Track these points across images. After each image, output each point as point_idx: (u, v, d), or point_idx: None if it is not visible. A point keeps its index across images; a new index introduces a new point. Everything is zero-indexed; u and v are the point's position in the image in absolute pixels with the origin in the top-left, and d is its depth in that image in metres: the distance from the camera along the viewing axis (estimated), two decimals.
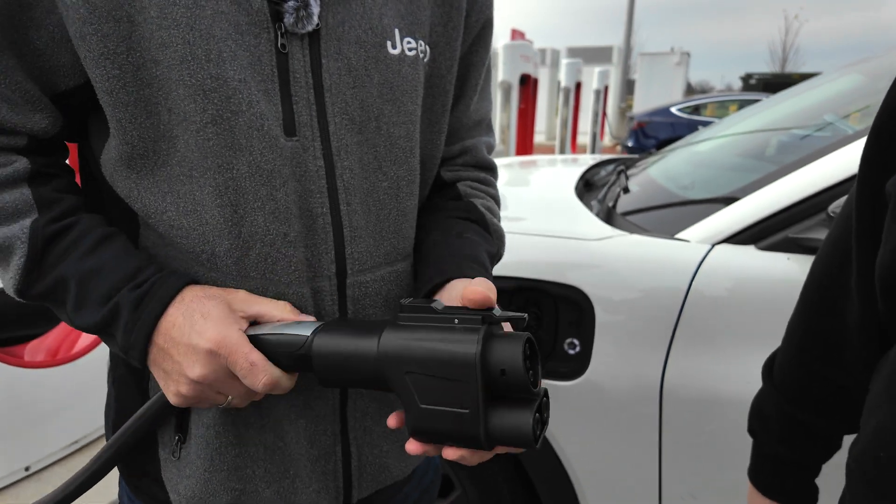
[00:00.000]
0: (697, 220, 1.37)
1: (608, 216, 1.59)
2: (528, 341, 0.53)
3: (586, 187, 2.07)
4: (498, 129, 7.23)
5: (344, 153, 0.63)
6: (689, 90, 28.04)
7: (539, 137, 13.33)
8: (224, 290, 0.61)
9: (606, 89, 10.42)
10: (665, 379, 1.25)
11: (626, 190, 1.89)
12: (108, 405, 0.75)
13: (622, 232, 1.43)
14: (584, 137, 11.08)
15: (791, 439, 0.74)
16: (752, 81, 20.37)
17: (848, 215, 0.63)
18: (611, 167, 2.39)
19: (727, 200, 1.40)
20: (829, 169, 1.26)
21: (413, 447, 0.57)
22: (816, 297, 0.70)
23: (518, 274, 1.36)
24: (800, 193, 1.26)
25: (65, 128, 0.63)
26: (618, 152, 12.21)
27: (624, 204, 1.76)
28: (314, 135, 0.61)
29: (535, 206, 1.90)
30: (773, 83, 18.64)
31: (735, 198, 1.39)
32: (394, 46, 0.65)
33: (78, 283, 0.59)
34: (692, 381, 1.23)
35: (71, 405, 2.13)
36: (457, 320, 0.53)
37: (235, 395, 0.60)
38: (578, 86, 9.86)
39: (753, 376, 1.19)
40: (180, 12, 0.55)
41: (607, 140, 12.92)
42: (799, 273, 1.19)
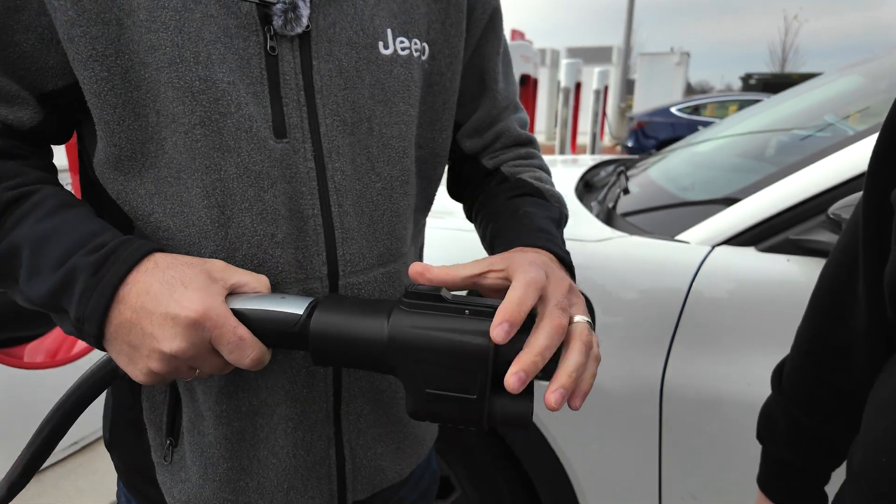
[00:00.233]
0: (698, 222, 1.37)
1: (608, 217, 1.59)
2: None
3: (586, 188, 2.07)
4: None
5: (335, 155, 0.63)
6: (689, 90, 28.06)
7: (539, 138, 13.14)
8: (199, 258, 0.57)
9: (606, 89, 10.39)
10: (665, 380, 1.24)
11: (626, 191, 1.88)
12: (105, 405, 0.75)
13: (622, 233, 1.43)
14: (583, 138, 11.04)
15: (799, 445, 0.73)
16: (752, 81, 20.37)
17: (856, 222, 0.63)
18: (611, 168, 2.39)
19: (727, 202, 1.40)
20: (830, 170, 1.26)
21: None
22: (825, 303, 0.69)
23: None
24: (800, 195, 1.26)
25: (46, 124, 0.61)
26: (618, 152, 12.22)
27: (624, 205, 1.76)
28: (305, 137, 0.61)
29: None
30: (772, 83, 18.65)
31: (735, 199, 1.39)
32: (386, 47, 0.64)
33: (31, 248, 0.54)
34: (692, 381, 1.23)
35: None
36: (467, 311, 0.53)
37: (208, 369, 0.56)
38: (578, 86, 9.84)
39: (753, 377, 1.20)
40: (169, 15, 0.55)
41: (607, 140, 12.89)
42: (799, 275, 1.19)
